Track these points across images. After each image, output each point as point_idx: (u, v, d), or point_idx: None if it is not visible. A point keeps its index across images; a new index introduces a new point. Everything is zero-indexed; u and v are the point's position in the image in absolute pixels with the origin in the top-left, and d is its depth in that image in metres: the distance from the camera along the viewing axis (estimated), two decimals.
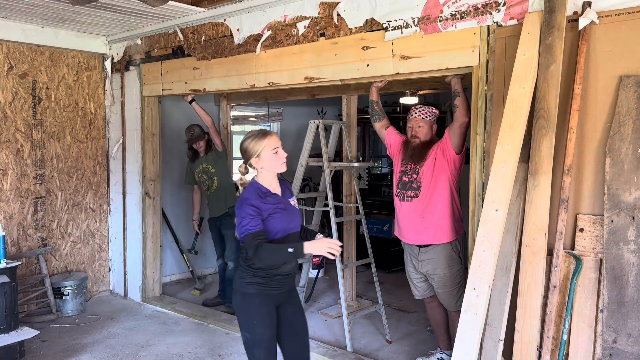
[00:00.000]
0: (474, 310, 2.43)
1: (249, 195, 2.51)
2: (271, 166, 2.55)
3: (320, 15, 3.60)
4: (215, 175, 4.87)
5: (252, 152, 2.53)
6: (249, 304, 2.55)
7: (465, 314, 2.46)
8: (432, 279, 3.49)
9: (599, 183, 2.52)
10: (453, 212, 3.40)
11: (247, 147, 2.54)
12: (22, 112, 4.75)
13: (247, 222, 2.43)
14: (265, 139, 2.52)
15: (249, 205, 2.47)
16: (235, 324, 4.44)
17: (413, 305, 4.85)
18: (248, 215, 2.44)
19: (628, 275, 2.41)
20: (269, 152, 2.52)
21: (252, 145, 2.53)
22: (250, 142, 2.53)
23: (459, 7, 2.96)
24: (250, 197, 2.50)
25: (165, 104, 5.49)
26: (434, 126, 3.54)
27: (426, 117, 3.48)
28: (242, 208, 2.47)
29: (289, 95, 5.33)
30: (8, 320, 3.73)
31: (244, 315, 2.57)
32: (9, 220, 4.68)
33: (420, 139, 3.48)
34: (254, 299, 2.54)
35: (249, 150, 2.54)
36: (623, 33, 2.46)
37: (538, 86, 2.61)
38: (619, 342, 2.43)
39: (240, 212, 2.47)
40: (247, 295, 2.55)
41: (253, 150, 2.53)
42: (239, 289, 2.58)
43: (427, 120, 3.48)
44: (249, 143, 2.54)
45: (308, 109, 7.23)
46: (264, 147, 2.52)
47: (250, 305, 2.55)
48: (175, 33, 4.59)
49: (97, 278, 5.38)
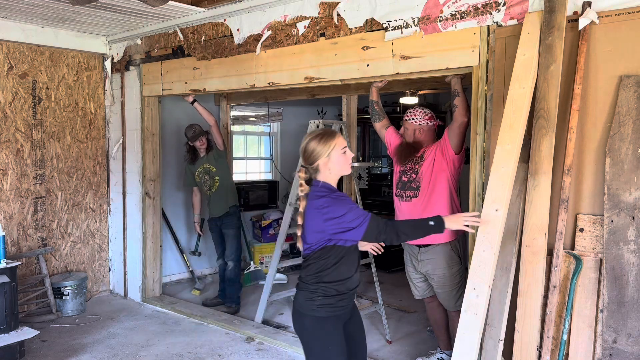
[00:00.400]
0: (474, 310, 2.43)
1: (332, 190, 2.29)
2: (340, 168, 2.33)
3: (320, 15, 3.60)
4: (216, 175, 4.87)
5: (321, 152, 2.30)
6: (323, 329, 2.29)
7: (465, 314, 2.46)
8: (431, 279, 3.49)
9: (599, 183, 2.52)
10: (452, 212, 3.39)
11: (315, 148, 2.31)
12: (22, 112, 4.75)
13: (356, 211, 2.21)
14: (334, 138, 2.32)
15: (344, 197, 2.27)
16: (235, 324, 4.44)
17: (413, 305, 4.85)
18: (351, 205, 2.23)
19: (628, 275, 2.41)
20: (339, 152, 2.32)
21: (320, 146, 2.30)
22: (319, 142, 2.31)
23: (459, 7, 2.96)
24: (337, 191, 2.30)
25: (165, 104, 5.49)
26: (421, 130, 3.48)
27: (410, 120, 3.50)
28: (338, 203, 2.23)
29: (289, 95, 5.33)
30: (8, 320, 3.73)
31: (317, 342, 2.30)
32: (9, 220, 4.68)
33: (404, 140, 3.52)
34: (328, 323, 2.30)
35: (317, 151, 2.31)
36: (623, 33, 2.46)
37: (538, 86, 2.61)
38: (619, 342, 2.43)
39: (338, 208, 2.21)
40: (319, 319, 2.29)
41: (322, 151, 2.30)
42: (307, 313, 2.30)
43: (409, 123, 3.50)
44: (317, 144, 2.31)
45: (308, 109, 7.23)
46: (334, 147, 2.31)
47: (324, 331, 2.30)
48: (175, 33, 4.59)
49: (97, 278, 5.38)
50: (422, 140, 3.49)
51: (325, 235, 2.24)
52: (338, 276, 2.28)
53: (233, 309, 4.85)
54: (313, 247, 2.28)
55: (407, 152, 3.50)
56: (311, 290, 2.30)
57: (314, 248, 2.28)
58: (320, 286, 2.29)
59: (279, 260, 4.55)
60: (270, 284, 4.49)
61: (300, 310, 2.32)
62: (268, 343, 4.11)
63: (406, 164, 3.51)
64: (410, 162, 3.49)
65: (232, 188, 4.96)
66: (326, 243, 2.26)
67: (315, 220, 2.25)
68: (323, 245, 2.26)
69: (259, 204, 6.67)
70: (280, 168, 7.14)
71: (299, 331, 2.36)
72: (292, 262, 5.12)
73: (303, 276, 2.35)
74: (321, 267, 2.28)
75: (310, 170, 2.34)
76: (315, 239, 2.26)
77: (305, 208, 2.31)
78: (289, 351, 3.95)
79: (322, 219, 2.22)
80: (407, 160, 3.49)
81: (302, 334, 2.35)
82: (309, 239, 2.30)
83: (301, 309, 2.32)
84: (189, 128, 4.87)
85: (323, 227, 2.23)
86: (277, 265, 4.52)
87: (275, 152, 7.20)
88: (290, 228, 4.59)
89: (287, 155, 7.20)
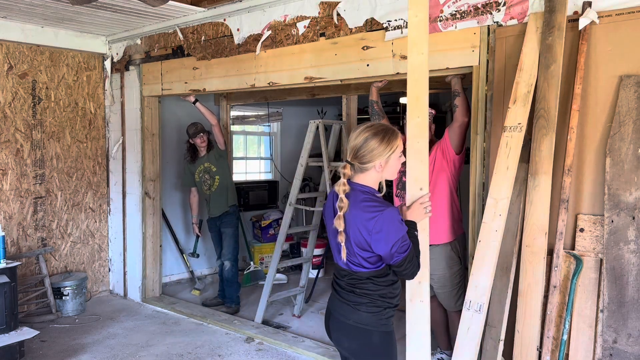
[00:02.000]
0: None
1: (385, 204, 2.00)
2: (391, 173, 2.05)
3: (320, 15, 3.60)
4: (217, 174, 4.87)
5: (381, 154, 1.98)
6: (391, 343, 2.10)
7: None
8: (431, 279, 3.48)
9: (599, 183, 2.52)
10: (452, 213, 3.39)
11: (376, 148, 1.98)
12: (21, 112, 4.75)
13: (404, 244, 1.97)
14: (397, 139, 2.01)
15: (398, 215, 1.99)
16: (235, 324, 4.44)
17: None
18: (402, 230, 1.97)
19: (628, 275, 2.41)
20: (397, 155, 2.03)
21: (382, 147, 1.98)
22: (381, 141, 1.98)
23: (459, 7, 2.96)
24: (389, 205, 2.00)
25: (165, 103, 5.49)
26: (432, 126, 3.54)
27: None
28: (393, 225, 1.94)
29: (289, 95, 5.33)
30: (8, 320, 3.72)
31: (387, 357, 2.10)
32: (9, 220, 4.68)
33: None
34: (393, 337, 2.12)
35: (377, 151, 1.98)
36: (623, 33, 2.46)
37: (538, 86, 2.61)
38: (619, 342, 2.43)
39: (392, 234, 1.94)
40: (388, 333, 2.09)
41: (383, 153, 1.98)
42: (377, 329, 2.06)
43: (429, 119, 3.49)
44: (378, 143, 1.98)
45: (308, 109, 7.23)
46: (395, 150, 2.00)
47: (392, 344, 2.10)
48: (175, 33, 4.58)
49: (96, 278, 5.38)
50: (432, 136, 3.51)
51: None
52: (397, 288, 2.11)
53: (233, 309, 4.85)
54: (370, 267, 2.02)
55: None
56: (377, 305, 2.05)
57: (373, 268, 2.02)
58: (385, 301, 2.06)
59: (279, 260, 4.55)
60: (270, 284, 4.49)
61: (366, 328, 2.05)
62: (268, 343, 4.11)
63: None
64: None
65: (231, 188, 4.96)
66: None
67: (365, 236, 1.97)
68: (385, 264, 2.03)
69: (259, 204, 6.67)
70: (280, 168, 7.14)
71: (361, 349, 2.08)
72: (292, 262, 5.13)
73: (362, 290, 2.06)
74: (386, 282, 2.06)
75: (355, 167, 2.03)
76: (368, 256, 2.01)
77: (349, 215, 1.99)
78: (288, 351, 3.95)
79: (373, 239, 1.95)
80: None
81: (365, 352, 2.08)
82: (362, 254, 2.01)
83: (367, 326, 2.05)
84: (191, 125, 4.88)
85: (373, 247, 1.97)
86: (277, 265, 4.52)
87: (275, 152, 7.20)
88: (290, 228, 4.60)
89: (287, 155, 7.20)
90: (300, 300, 4.77)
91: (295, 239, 6.70)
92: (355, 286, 2.07)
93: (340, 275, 2.14)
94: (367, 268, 2.03)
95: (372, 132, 2.00)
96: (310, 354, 3.86)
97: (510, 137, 2.64)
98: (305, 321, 4.64)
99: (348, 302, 2.08)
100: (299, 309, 4.76)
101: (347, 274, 2.08)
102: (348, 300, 2.08)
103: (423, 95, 2.37)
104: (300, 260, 4.91)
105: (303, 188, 5.50)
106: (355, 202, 1.99)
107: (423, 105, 2.36)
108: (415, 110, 2.35)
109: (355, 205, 1.98)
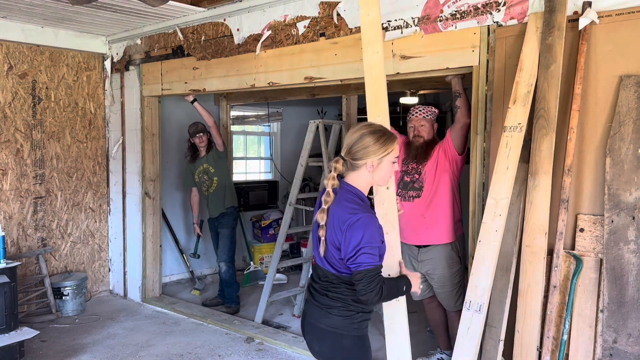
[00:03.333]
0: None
1: (367, 210, 1.94)
2: (382, 178, 2.03)
3: (320, 15, 3.60)
4: (215, 176, 4.87)
5: (375, 152, 1.97)
6: (363, 346, 2.06)
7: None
8: (431, 279, 3.48)
9: (599, 183, 2.52)
10: (454, 213, 3.40)
11: (370, 145, 1.97)
12: (21, 112, 4.75)
13: (369, 254, 1.88)
14: (394, 143, 2.00)
15: (377, 227, 1.92)
16: (235, 324, 4.44)
17: (413, 305, 4.81)
18: (375, 242, 1.90)
19: (628, 275, 2.41)
20: (391, 160, 2.01)
21: (377, 145, 1.96)
22: (377, 140, 1.97)
23: (459, 7, 2.96)
24: (372, 213, 1.94)
25: (166, 103, 5.49)
26: (435, 125, 3.54)
27: (427, 115, 3.49)
28: (367, 231, 1.88)
29: (289, 95, 5.33)
30: (8, 320, 3.72)
31: None
32: (9, 220, 4.68)
33: (424, 138, 3.48)
34: (367, 340, 2.08)
35: (370, 148, 1.96)
36: (623, 33, 2.46)
37: (538, 86, 2.61)
38: (619, 342, 2.43)
39: (363, 237, 1.87)
40: (360, 338, 2.05)
41: (377, 151, 1.97)
42: (347, 333, 2.02)
43: (428, 119, 3.49)
44: (373, 140, 1.97)
45: (308, 109, 7.23)
46: (390, 152, 1.99)
47: (364, 348, 2.07)
48: (175, 33, 4.58)
49: (96, 278, 5.38)
50: (435, 135, 3.51)
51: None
52: None
53: (233, 309, 4.85)
54: (343, 271, 1.98)
55: (428, 150, 3.43)
56: (350, 309, 2.01)
57: (347, 272, 1.97)
58: (359, 306, 2.01)
59: (279, 261, 4.55)
60: (270, 284, 4.49)
61: (337, 332, 2.02)
62: (268, 343, 4.11)
63: (408, 164, 3.51)
64: (412, 162, 3.48)
65: (230, 189, 4.94)
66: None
67: (339, 237, 1.93)
68: None
69: (259, 204, 6.67)
70: (280, 168, 7.14)
71: (332, 353, 2.06)
72: (292, 262, 5.12)
73: (334, 294, 2.03)
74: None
75: (347, 164, 2.01)
76: (340, 257, 1.97)
77: (331, 212, 1.97)
78: (288, 351, 3.95)
79: (344, 240, 1.92)
80: (425, 159, 3.45)
81: (336, 356, 2.06)
82: (335, 255, 1.97)
83: (338, 329, 2.02)
84: (192, 125, 4.89)
85: (342, 248, 1.93)
86: (277, 266, 4.52)
87: (275, 152, 7.20)
88: (290, 228, 4.60)
89: (287, 155, 7.19)
90: (300, 300, 4.77)
91: (295, 239, 6.70)
92: (328, 290, 2.04)
93: (316, 278, 2.12)
94: (339, 271, 1.99)
95: (369, 130, 2.00)
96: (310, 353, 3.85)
97: (510, 137, 2.64)
98: None
99: (321, 305, 2.06)
100: (299, 309, 4.76)
101: (323, 275, 2.06)
102: (321, 304, 2.06)
103: (382, 94, 2.37)
104: (300, 260, 4.91)
105: (303, 188, 5.50)
106: (340, 200, 1.97)
107: (383, 104, 2.37)
108: (376, 110, 2.38)
109: (339, 203, 1.97)
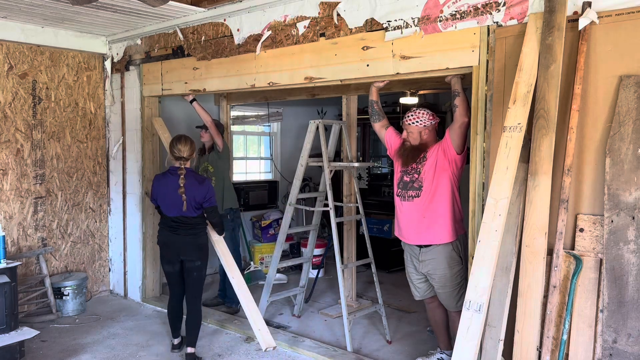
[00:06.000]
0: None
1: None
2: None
3: (320, 15, 3.60)
4: (213, 176, 4.84)
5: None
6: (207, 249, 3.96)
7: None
8: (432, 279, 3.48)
9: (599, 183, 2.52)
10: (454, 212, 3.39)
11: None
12: (22, 112, 4.75)
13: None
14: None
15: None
16: (235, 324, 4.45)
17: (413, 305, 4.85)
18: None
19: (628, 275, 2.41)
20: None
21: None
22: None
23: (459, 7, 2.96)
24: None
25: (166, 103, 5.49)
26: (426, 131, 3.47)
27: (414, 123, 3.44)
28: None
29: (289, 95, 5.33)
30: (8, 320, 3.73)
31: (207, 257, 3.91)
32: (9, 220, 4.68)
33: (410, 143, 3.49)
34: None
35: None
36: (623, 33, 2.46)
37: (538, 86, 2.62)
38: (619, 342, 2.43)
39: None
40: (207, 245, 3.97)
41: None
42: (206, 242, 3.91)
43: (414, 126, 3.44)
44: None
45: (308, 109, 7.23)
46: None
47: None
48: (175, 33, 4.58)
49: (97, 278, 5.38)
50: (428, 141, 3.47)
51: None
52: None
53: (233, 309, 4.85)
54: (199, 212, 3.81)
55: (414, 154, 3.44)
56: (205, 231, 3.91)
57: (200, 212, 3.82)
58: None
59: (279, 260, 4.55)
60: (270, 284, 4.49)
61: (205, 242, 3.88)
62: None
63: (408, 164, 3.50)
64: (412, 162, 3.48)
65: (228, 190, 4.89)
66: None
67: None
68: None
69: (259, 204, 6.67)
70: (280, 168, 7.14)
71: (200, 253, 3.80)
72: (292, 262, 5.12)
73: (197, 223, 3.81)
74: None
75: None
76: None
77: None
78: (288, 351, 3.95)
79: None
80: (411, 162, 3.46)
81: (201, 255, 3.80)
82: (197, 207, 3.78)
83: (205, 241, 3.89)
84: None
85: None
86: (277, 265, 4.52)
87: (275, 152, 7.20)
88: (290, 228, 4.59)
89: (287, 155, 7.20)
90: (300, 300, 4.77)
91: (295, 239, 6.70)
92: (195, 221, 3.83)
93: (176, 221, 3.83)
94: (197, 212, 3.79)
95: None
96: (310, 354, 3.86)
97: (510, 137, 2.64)
98: (305, 321, 4.64)
99: (197, 229, 3.85)
100: (299, 309, 4.77)
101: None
102: (197, 228, 3.84)
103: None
104: (300, 260, 4.91)
105: (303, 188, 5.50)
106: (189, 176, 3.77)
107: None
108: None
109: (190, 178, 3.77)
